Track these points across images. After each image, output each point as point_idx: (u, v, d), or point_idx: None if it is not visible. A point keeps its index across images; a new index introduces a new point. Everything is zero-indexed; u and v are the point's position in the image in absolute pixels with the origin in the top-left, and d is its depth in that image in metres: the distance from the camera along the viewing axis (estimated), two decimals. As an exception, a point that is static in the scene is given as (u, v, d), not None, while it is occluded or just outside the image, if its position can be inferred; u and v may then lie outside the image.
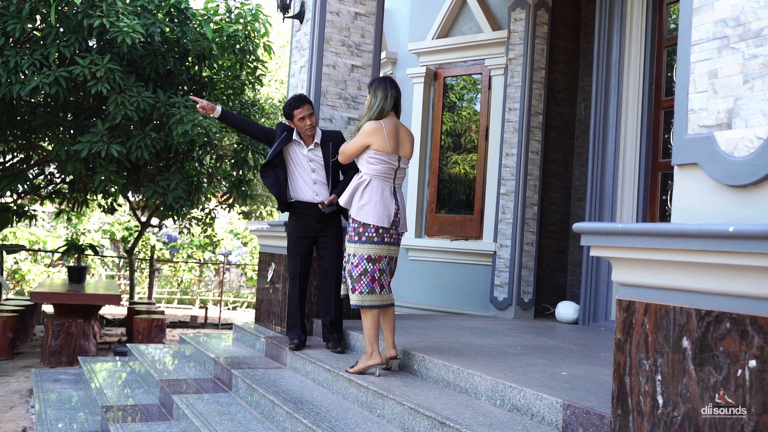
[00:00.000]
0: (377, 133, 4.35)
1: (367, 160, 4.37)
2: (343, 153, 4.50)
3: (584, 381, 3.71)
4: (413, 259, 8.38)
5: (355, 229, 4.33)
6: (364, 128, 4.38)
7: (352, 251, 4.33)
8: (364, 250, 4.31)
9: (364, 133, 4.37)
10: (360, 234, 4.31)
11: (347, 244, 4.39)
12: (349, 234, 4.36)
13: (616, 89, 6.64)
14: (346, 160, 4.51)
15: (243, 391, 4.75)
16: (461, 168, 8.20)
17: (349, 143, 4.48)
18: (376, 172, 4.36)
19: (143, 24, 7.43)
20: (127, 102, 7.39)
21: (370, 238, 4.31)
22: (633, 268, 2.56)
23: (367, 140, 4.35)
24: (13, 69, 7.04)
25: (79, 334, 7.58)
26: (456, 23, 8.24)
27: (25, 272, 15.43)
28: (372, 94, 4.45)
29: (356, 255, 4.31)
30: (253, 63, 9.14)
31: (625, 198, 6.55)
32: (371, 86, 4.50)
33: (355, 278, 4.31)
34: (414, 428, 3.50)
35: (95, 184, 7.96)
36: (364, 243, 4.31)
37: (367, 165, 4.38)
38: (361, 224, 4.31)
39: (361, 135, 4.38)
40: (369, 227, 4.31)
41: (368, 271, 4.31)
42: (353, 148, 4.41)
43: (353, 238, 4.32)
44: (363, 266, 4.31)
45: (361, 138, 4.38)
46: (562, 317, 6.98)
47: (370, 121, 4.40)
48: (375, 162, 4.36)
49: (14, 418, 5.41)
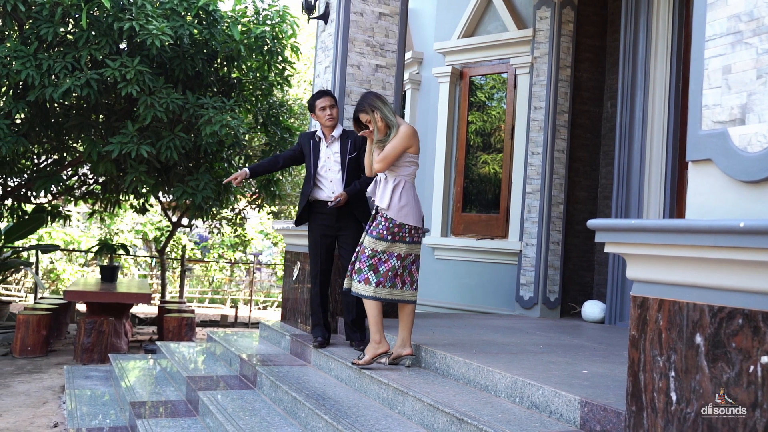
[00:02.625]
0: (416, 136, 4.46)
1: (406, 163, 4.45)
2: (386, 158, 4.39)
3: (604, 379, 3.70)
4: (439, 258, 8.40)
5: (390, 228, 4.37)
6: (406, 132, 4.40)
7: (383, 248, 4.38)
8: (396, 249, 4.39)
9: (407, 136, 4.40)
10: (394, 234, 4.38)
11: (376, 241, 4.39)
12: (380, 232, 4.38)
13: (642, 86, 6.59)
14: (386, 167, 4.42)
15: (267, 387, 4.82)
16: (491, 168, 8.18)
17: (392, 147, 4.39)
18: (410, 174, 4.47)
19: (172, 26, 7.55)
20: (157, 103, 7.52)
21: (403, 238, 4.41)
22: (647, 264, 2.55)
23: (409, 143, 4.41)
24: (46, 72, 7.21)
25: (111, 332, 7.72)
26: (481, 22, 8.24)
27: (60, 272, 15.73)
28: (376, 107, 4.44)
29: (386, 252, 4.38)
30: (281, 64, 9.22)
31: (652, 196, 6.49)
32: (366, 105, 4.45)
33: (382, 273, 4.37)
34: (433, 425, 3.52)
35: (126, 184, 8.10)
36: (396, 242, 4.39)
37: (403, 168, 4.45)
38: (397, 224, 4.38)
39: (404, 138, 4.38)
40: (404, 228, 4.40)
41: (396, 267, 4.40)
42: (396, 152, 4.39)
43: (386, 236, 4.37)
44: (392, 263, 4.39)
45: (404, 141, 4.39)
46: (588, 316, 6.94)
47: (407, 124, 4.46)
48: (410, 165, 4.46)
49: (47, 413, 5.54)
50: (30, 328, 7.86)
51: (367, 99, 4.49)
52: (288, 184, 14.45)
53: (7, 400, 5.83)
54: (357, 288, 4.41)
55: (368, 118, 4.46)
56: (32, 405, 5.74)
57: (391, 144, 4.40)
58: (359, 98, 4.59)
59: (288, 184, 14.45)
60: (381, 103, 4.46)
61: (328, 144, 5.33)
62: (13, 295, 15.18)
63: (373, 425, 3.63)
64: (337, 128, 5.36)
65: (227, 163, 9.63)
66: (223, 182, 5.57)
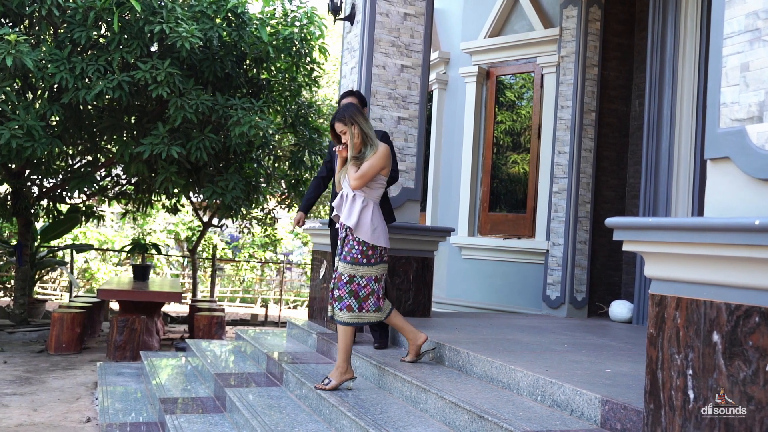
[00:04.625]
0: (390, 157, 4.39)
1: (377, 185, 4.38)
2: (365, 176, 4.27)
3: (627, 378, 3.70)
4: (466, 257, 8.41)
5: (364, 252, 4.30)
6: (384, 151, 4.32)
7: (360, 273, 4.30)
8: (372, 272, 4.34)
9: (385, 156, 4.32)
10: (369, 257, 4.31)
11: (352, 266, 4.30)
12: (354, 256, 4.29)
13: (670, 85, 6.54)
14: (363, 185, 4.31)
15: (293, 384, 4.88)
16: (520, 167, 8.17)
17: (370, 166, 4.28)
18: (377, 197, 4.41)
19: (202, 29, 7.66)
20: (187, 105, 7.64)
21: (377, 259, 4.35)
22: (664, 262, 2.56)
23: (386, 162, 4.33)
24: (80, 75, 7.36)
25: (143, 330, 7.85)
26: (508, 22, 8.24)
27: (95, 271, 16.01)
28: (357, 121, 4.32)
29: (364, 276, 4.31)
30: (309, 65, 9.30)
31: (680, 195, 6.44)
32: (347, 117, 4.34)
33: (363, 298, 4.31)
34: (455, 422, 3.55)
35: (157, 184, 8.24)
36: (373, 265, 4.33)
37: (375, 189, 4.37)
38: (370, 247, 4.30)
39: (381, 157, 4.30)
40: (377, 250, 4.34)
41: (375, 291, 4.36)
42: (374, 171, 4.30)
43: (361, 260, 4.29)
44: (371, 287, 4.34)
45: (382, 160, 4.31)
46: (615, 316, 6.90)
47: (385, 145, 4.37)
48: (380, 187, 4.41)
49: (80, 408, 5.67)
50: (65, 326, 8.03)
51: (349, 110, 4.36)
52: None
53: (42, 396, 5.97)
54: (339, 316, 4.31)
55: (344, 130, 4.33)
56: (66, 400, 5.87)
57: (370, 162, 4.28)
58: (340, 107, 4.46)
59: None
60: (362, 118, 4.35)
61: None
62: (49, 293, 15.48)
63: (396, 422, 3.67)
64: None
65: (256, 164, 9.73)
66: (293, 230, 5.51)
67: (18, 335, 8.89)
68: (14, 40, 6.79)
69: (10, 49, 6.75)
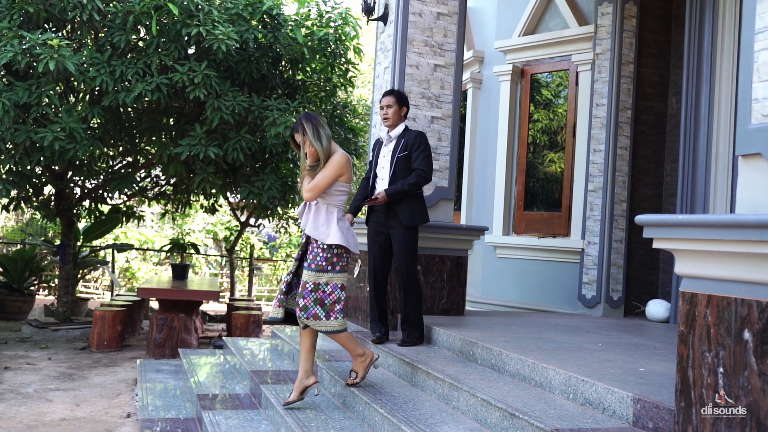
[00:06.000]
0: (349, 165, 4.33)
1: (336, 191, 4.33)
2: (316, 188, 4.24)
3: (660, 377, 3.67)
4: (501, 256, 8.39)
5: (328, 258, 4.25)
6: (339, 160, 4.27)
7: (326, 280, 4.25)
8: (338, 279, 4.30)
9: (339, 165, 4.27)
10: (334, 264, 4.27)
11: (317, 274, 4.25)
12: (319, 263, 4.25)
13: (707, 81, 6.45)
14: (316, 196, 4.28)
15: (327, 382, 4.93)
16: (557, 166, 8.11)
17: (323, 176, 4.24)
18: (342, 203, 4.37)
19: (238, 31, 7.76)
20: (224, 106, 7.75)
21: (343, 267, 4.32)
22: (695, 259, 2.55)
23: (340, 171, 4.28)
24: (119, 78, 7.51)
25: (181, 328, 7.98)
26: (542, 20, 8.19)
27: (135, 270, 16.29)
28: (306, 130, 4.27)
29: (329, 284, 4.27)
30: (344, 65, 9.35)
31: (718, 192, 6.35)
32: (299, 125, 4.30)
33: (329, 306, 4.26)
34: (486, 419, 3.56)
35: (195, 185, 8.37)
36: (338, 272, 4.29)
37: (335, 197, 4.33)
38: (335, 254, 4.27)
39: (335, 167, 4.26)
40: (342, 257, 4.30)
41: (341, 299, 4.32)
42: (327, 180, 4.25)
43: (326, 267, 4.25)
44: (337, 294, 4.30)
45: (336, 170, 4.26)
46: (652, 316, 6.83)
47: (341, 153, 4.32)
48: (342, 194, 4.35)
49: (120, 404, 5.80)
50: (106, 324, 8.21)
51: (301, 120, 4.32)
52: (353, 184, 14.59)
53: (84, 391, 6.12)
54: (311, 324, 4.28)
55: (303, 139, 4.32)
56: (107, 396, 6.01)
57: (322, 173, 4.25)
58: (299, 117, 4.39)
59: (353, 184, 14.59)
60: (313, 126, 4.27)
61: (385, 143, 5.41)
62: (91, 292, 15.81)
63: (428, 419, 3.70)
64: (397, 128, 5.36)
65: (292, 164, 9.82)
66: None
67: (61, 333, 9.11)
68: (57, 44, 6.96)
69: (52, 53, 6.93)
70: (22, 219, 16.02)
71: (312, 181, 4.26)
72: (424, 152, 5.22)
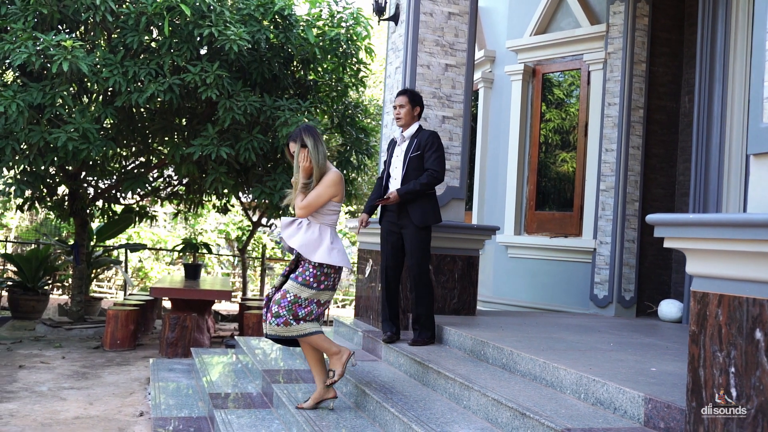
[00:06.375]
0: (342, 184, 4.28)
1: (329, 211, 4.28)
2: (310, 206, 4.20)
3: (672, 377, 3.66)
4: (512, 256, 8.38)
5: (317, 276, 4.20)
6: (333, 179, 4.22)
7: (307, 296, 4.21)
8: (320, 297, 4.26)
9: (333, 184, 4.22)
10: (320, 282, 4.22)
11: (300, 287, 4.20)
12: (306, 279, 4.20)
13: (720, 80, 6.41)
14: (309, 214, 4.23)
15: (339, 381, 4.93)
16: (569, 166, 8.09)
17: (317, 195, 4.19)
18: (334, 222, 4.32)
19: (249, 31, 7.79)
20: (235, 106, 7.78)
21: (328, 286, 4.27)
22: (706, 259, 2.54)
23: (335, 191, 4.23)
24: (132, 78, 7.56)
25: (194, 327, 8.02)
26: (554, 19, 8.18)
27: (148, 270, 16.37)
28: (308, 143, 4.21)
29: (308, 299, 4.22)
30: (356, 65, 9.36)
31: (731, 192, 6.32)
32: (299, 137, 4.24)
33: (301, 317, 4.21)
34: (497, 419, 3.56)
35: (207, 185, 8.41)
36: (322, 290, 4.24)
37: (326, 216, 4.28)
38: (324, 273, 4.22)
39: (330, 186, 4.21)
40: (330, 276, 4.25)
41: (313, 312, 4.26)
42: (322, 200, 4.21)
43: (312, 284, 4.20)
44: (311, 308, 4.24)
45: (330, 189, 4.21)
46: (665, 316, 6.81)
47: (335, 171, 4.27)
48: (333, 213, 4.30)
49: (133, 403, 5.83)
50: (119, 323, 8.26)
51: (303, 130, 4.25)
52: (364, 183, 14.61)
53: (97, 390, 6.16)
54: (278, 331, 4.22)
55: (296, 150, 4.25)
56: (120, 395, 6.05)
57: (316, 191, 4.20)
58: (297, 128, 4.34)
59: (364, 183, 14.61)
60: (316, 141, 4.22)
61: (399, 143, 5.42)
62: (105, 291, 15.91)
63: (438, 418, 3.70)
64: (410, 128, 5.38)
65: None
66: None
67: (75, 332, 9.18)
68: (70, 45, 7.01)
69: (66, 54, 6.98)
70: (36, 219, 16.16)
71: (305, 198, 4.21)
72: (437, 152, 5.23)
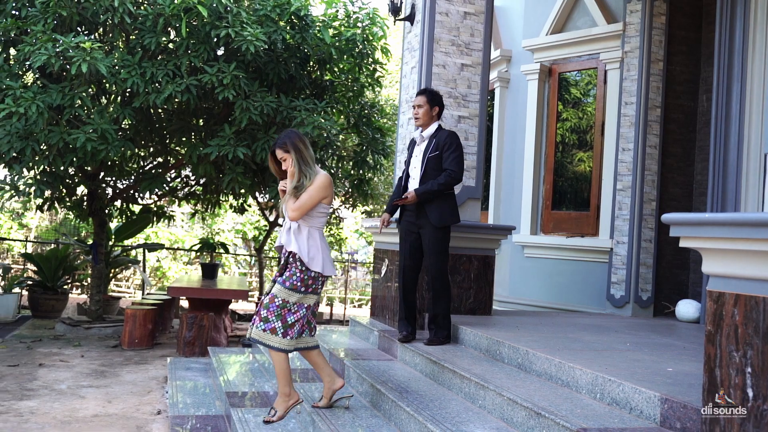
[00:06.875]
0: (331, 186, 4.29)
1: (318, 213, 4.29)
2: (302, 208, 4.20)
3: (689, 377, 3.65)
4: (528, 256, 8.36)
5: (304, 280, 4.22)
6: (323, 182, 4.23)
7: (295, 300, 4.23)
8: (307, 300, 4.27)
9: (324, 186, 4.23)
10: (308, 286, 4.24)
11: (288, 291, 4.22)
12: (293, 283, 4.22)
13: (739, 79, 6.36)
14: (301, 216, 4.23)
15: (354, 380, 4.96)
16: (586, 165, 8.06)
17: (309, 197, 4.21)
18: (322, 225, 4.33)
19: (266, 32, 7.83)
20: (252, 107, 7.82)
21: (315, 290, 4.29)
22: (722, 258, 2.53)
23: (325, 193, 4.24)
24: (150, 79, 7.62)
25: (211, 326, 8.07)
26: (570, 18, 8.15)
27: (166, 269, 16.47)
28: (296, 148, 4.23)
29: (297, 303, 4.24)
30: (372, 65, 9.37)
31: (750, 191, 6.26)
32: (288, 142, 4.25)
33: (290, 324, 4.22)
34: (512, 418, 3.57)
35: (224, 185, 8.45)
36: (309, 294, 4.26)
37: (315, 218, 4.29)
38: (311, 276, 4.23)
39: (320, 188, 4.22)
40: (318, 280, 4.27)
41: (302, 317, 4.28)
42: (313, 201, 4.22)
43: (299, 288, 4.22)
44: (301, 314, 4.27)
45: (321, 191, 4.22)
46: (682, 316, 6.77)
47: (324, 174, 4.27)
48: (322, 215, 4.32)
49: (151, 401, 5.88)
50: (137, 322, 8.32)
51: (290, 136, 4.27)
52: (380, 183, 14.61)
53: (116, 388, 6.22)
54: (263, 337, 4.22)
55: (284, 156, 4.27)
56: (138, 393, 6.10)
57: (308, 193, 4.21)
58: (282, 133, 4.35)
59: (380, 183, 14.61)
60: (302, 145, 4.25)
61: (418, 143, 5.44)
62: (123, 291, 16.03)
63: (453, 418, 3.71)
64: (430, 128, 5.39)
65: (320, 164, 9.88)
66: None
67: (94, 331, 9.26)
68: (89, 47, 7.08)
69: (85, 56, 7.05)
70: (55, 219, 16.30)
71: (298, 201, 4.21)
72: (455, 152, 5.23)
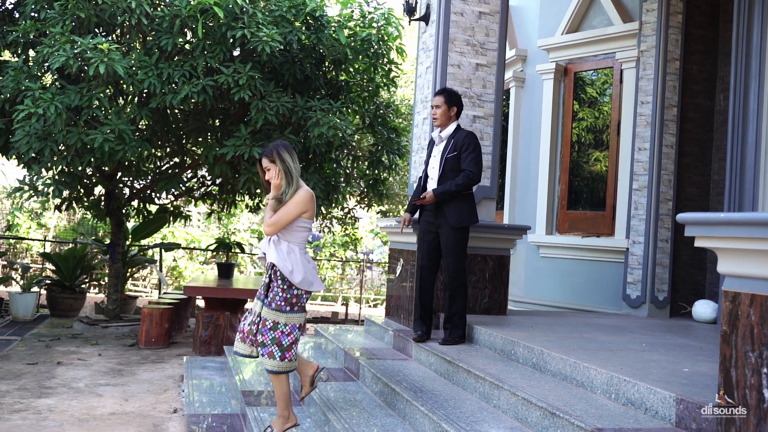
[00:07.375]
0: (313, 202, 4.25)
1: (298, 228, 4.24)
2: (278, 223, 4.15)
3: (705, 378, 3.63)
4: (544, 256, 8.34)
5: (288, 299, 4.18)
6: (303, 197, 4.18)
7: (284, 320, 4.18)
8: (296, 320, 4.23)
9: (303, 202, 4.18)
10: (293, 304, 4.20)
11: (276, 313, 4.18)
12: (278, 303, 4.17)
13: (756, 77, 6.31)
14: (276, 232, 4.19)
15: (369, 380, 4.98)
16: (602, 165, 8.02)
17: (286, 213, 4.15)
18: (303, 240, 4.28)
19: (281, 33, 7.85)
20: (268, 107, 7.85)
21: (302, 307, 4.26)
22: (737, 258, 2.52)
23: (305, 208, 4.20)
24: (166, 80, 7.67)
25: (227, 326, 8.11)
26: (586, 17, 8.12)
27: (182, 269, 16.57)
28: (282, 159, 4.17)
29: (288, 324, 4.19)
30: (387, 65, 9.38)
31: (767, 191, 6.21)
32: (274, 153, 4.19)
33: (286, 347, 4.17)
34: (527, 418, 3.57)
35: (240, 185, 8.50)
36: (297, 312, 4.22)
37: (295, 233, 4.24)
38: (294, 294, 4.19)
39: (299, 204, 4.17)
40: (302, 297, 4.23)
41: (298, 338, 4.25)
42: (290, 216, 4.16)
43: (284, 308, 4.17)
44: (295, 335, 4.22)
45: (299, 207, 4.17)
46: (699, 316, 6.73)
47: (306, 189, 4.24)
48: (302, 230, 4.26)
49: (167, 400, 5.93)
50: (154, 321, 8.39)
51: (277, 147, 4.22)
52: (395, 183, 14.62)
53: (133, 387, 6.27)
54: (264, 363, 4.20)
55: (268, 167, 4.22)
56: (155, 392, 6.15)
57: (286, 208, 4.16)
58: (270, 144, 4.31)
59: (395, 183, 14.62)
60: (289, 157, 4.19)
61: (437, 143, 5.45)
62: (140, 290, 16.14)
63: (468, 417, 3.71)
64: (448, 128, 5.40)
65: (336, 164, 9.90)
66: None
67: (111, 330, 9.33)
68: (107, 48, 7.13)
69: (103, 57, 7.10)
70: (73, 219, 16.44)
71: (274, 215, 4.19)
72: (473, 153, 5.24)
